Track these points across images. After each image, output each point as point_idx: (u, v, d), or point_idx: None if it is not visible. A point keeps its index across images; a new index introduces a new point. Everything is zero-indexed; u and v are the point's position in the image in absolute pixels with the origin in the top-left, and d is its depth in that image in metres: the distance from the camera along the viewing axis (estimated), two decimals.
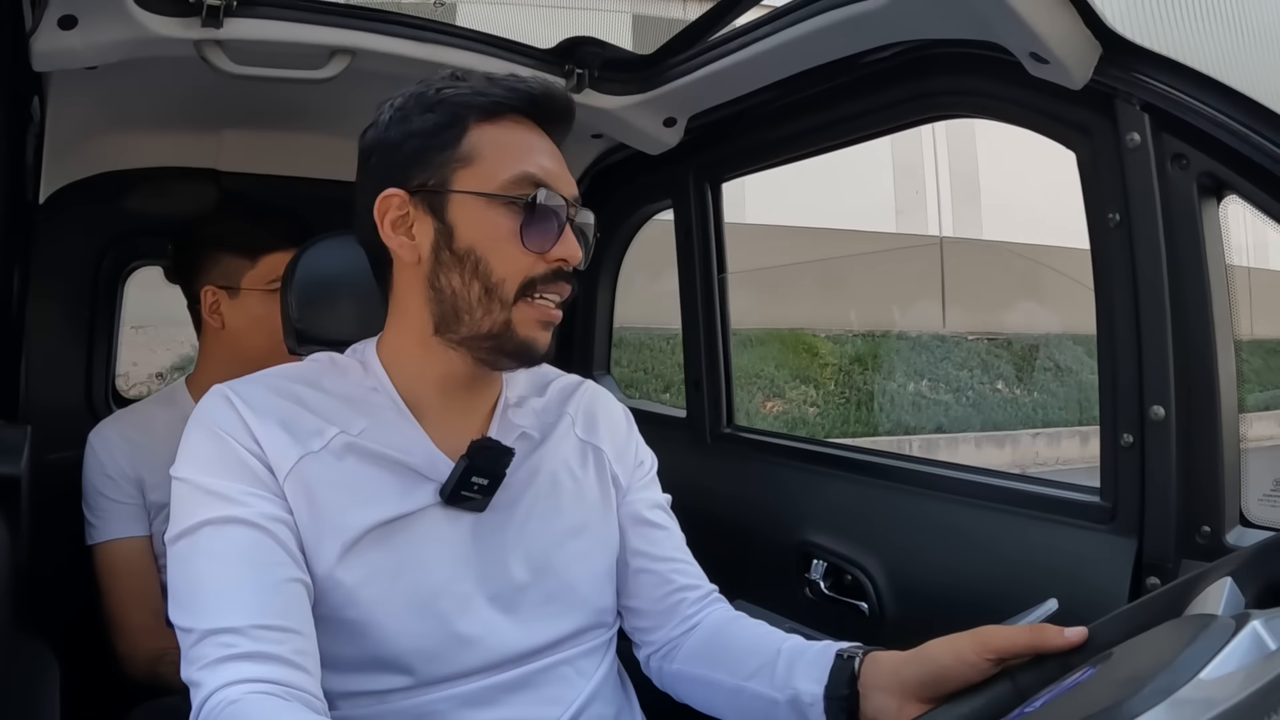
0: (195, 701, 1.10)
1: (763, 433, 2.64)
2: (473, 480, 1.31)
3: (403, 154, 1.31)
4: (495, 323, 1.27)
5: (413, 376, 1.35)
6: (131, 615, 2.17)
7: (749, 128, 2.34)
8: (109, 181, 2.67)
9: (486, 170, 1.27)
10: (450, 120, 1.29)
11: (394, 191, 1.30)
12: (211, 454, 1.26)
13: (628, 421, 1.59)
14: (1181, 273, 1.53)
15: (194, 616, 1.16)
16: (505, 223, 1.25)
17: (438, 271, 1.29)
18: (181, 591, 1.20)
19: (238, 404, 1.28)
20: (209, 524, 1.21)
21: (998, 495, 1.86)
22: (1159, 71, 1.48)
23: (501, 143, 1.29)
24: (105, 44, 1.78)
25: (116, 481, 2.22)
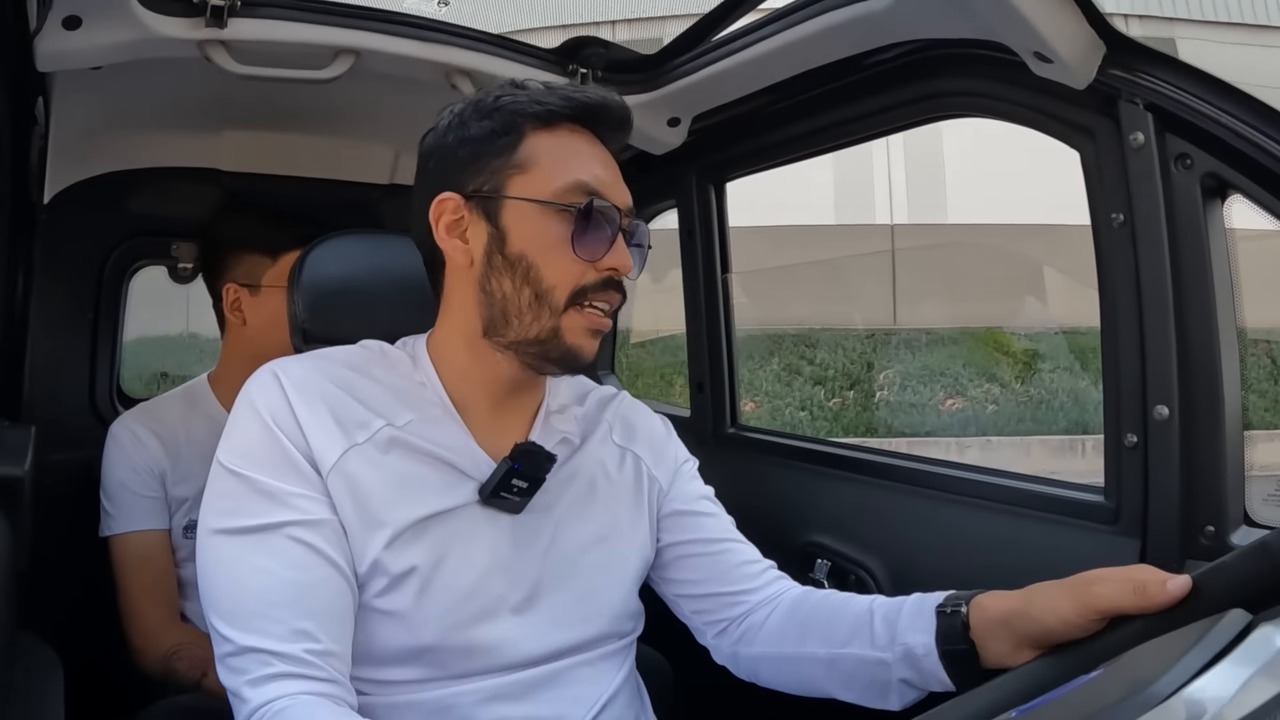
0: (240, 714, 1.15)
1: (766, 432, 2.64)
2: (513, 482, 1.32)
3: (459, 159, 1.33)
4: (544, 329, 1.29)
5: (460, 376, 1.37)
6: (147, 610, 2.17)
7: (753, 128, 2.34)
8: (113, 182, 2.67)
9: (541, 177, 1.29)
10: (506, 127, 1.31)
11: (450, 195, 1.32)
12: (259, 447, 1.26)
13: (666, 429, 1.62)
14: (1185, 273, 1.52)
15: (235, 627, 1.17)
16: (557, 230, 1.27)
17: (489, 275, 1.31)
18: (222, 595, 1.22)
19: (286, 387, 1.29)
20: (256, 532, 1.21)
21: (1002, 495, 1.86)
22: (1163, 71, 1.48)
23: (556, 150, 1.31)
24: (109, 44, 1.78)
25: (140, 474, 2.22)
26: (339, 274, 1.61)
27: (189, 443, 2.28)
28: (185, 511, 2.25)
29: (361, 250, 1.63)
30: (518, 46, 2.19)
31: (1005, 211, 12.56)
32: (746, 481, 2.48)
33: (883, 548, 2.03)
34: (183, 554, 2.26)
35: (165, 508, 2.26)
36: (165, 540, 2.25)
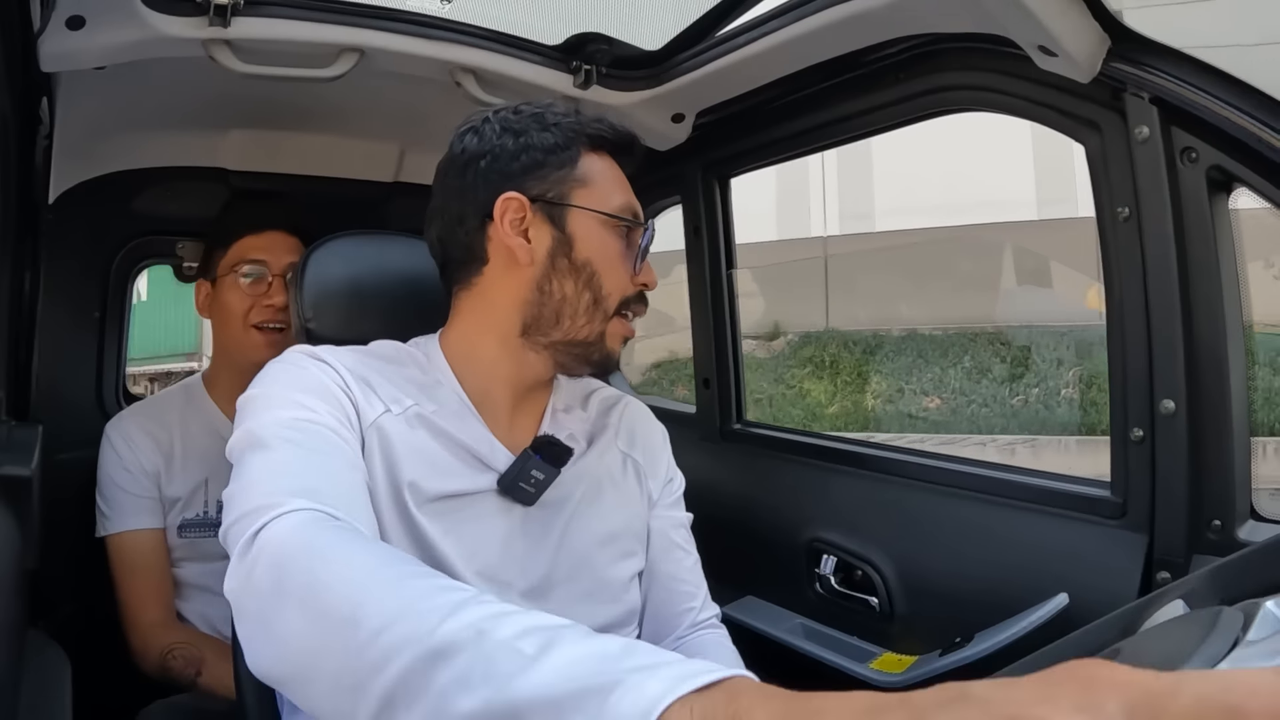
0: (240, 544, 1.03)
1: (772, 428, 2.63)
2: (532, 473, 1.36)
3: (520, 163, 1.38)
4: (593, 332, 1.38)
5: (482, 374, 1.41)
6: (143, 611, 2.17)
7: (757, 123, 2.34)
8: (118, 182, 2.68)
9: (601, 194, 1.38)
10: (567, 143, 1.39)
11: (515, 195, 1.36)
12: (301, 376, 1.27)
13: (663, 440, 1.64)
14: (1191, 266, 1.52)
15: (248, 497, 1.09)
16: (617, 244, 1.38)
17: (550, 276, 1.37)
18: (240, 482, 1.13)
19: (326, 355, 1.31)
20: (284, 423, 1.18)
21: (1007, 490, 1.86)
22: (1168, 64, 1.48)
23: (607, 173, 1.41)
24: (113, 44, 1.79)
25: (133, 474, 2.23)
26: (343, 274, 1.61)
27: (183, 441, 2.29)
28: (179, 510, 2.26)
29: (367, 250, 1.63)
30: (522, 44, 2.19)
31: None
32: (752, 477, 2.48)
33: (889, 543, 2.03)
34: (178, 554, 2.27)
35: (159, 507, 2.26)
36: (160, 540, 2.26)
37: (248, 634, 0.98)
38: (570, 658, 0.72)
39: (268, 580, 0.97)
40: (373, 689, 0.79)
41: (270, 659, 0.95)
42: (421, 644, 0.77)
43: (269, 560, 0.98)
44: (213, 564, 2.25)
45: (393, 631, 0.80)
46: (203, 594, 2.26)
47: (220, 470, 2.23)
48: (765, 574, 2.28)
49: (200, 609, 2.25)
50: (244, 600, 1.00)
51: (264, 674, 0.96)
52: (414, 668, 0.77)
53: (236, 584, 1.01)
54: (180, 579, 2.27)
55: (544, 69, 2.19)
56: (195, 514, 2.26)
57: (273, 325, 2.29)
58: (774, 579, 2.27)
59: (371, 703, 0.79)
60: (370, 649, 0.80)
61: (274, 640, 0.93)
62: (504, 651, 0.74)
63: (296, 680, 0.91)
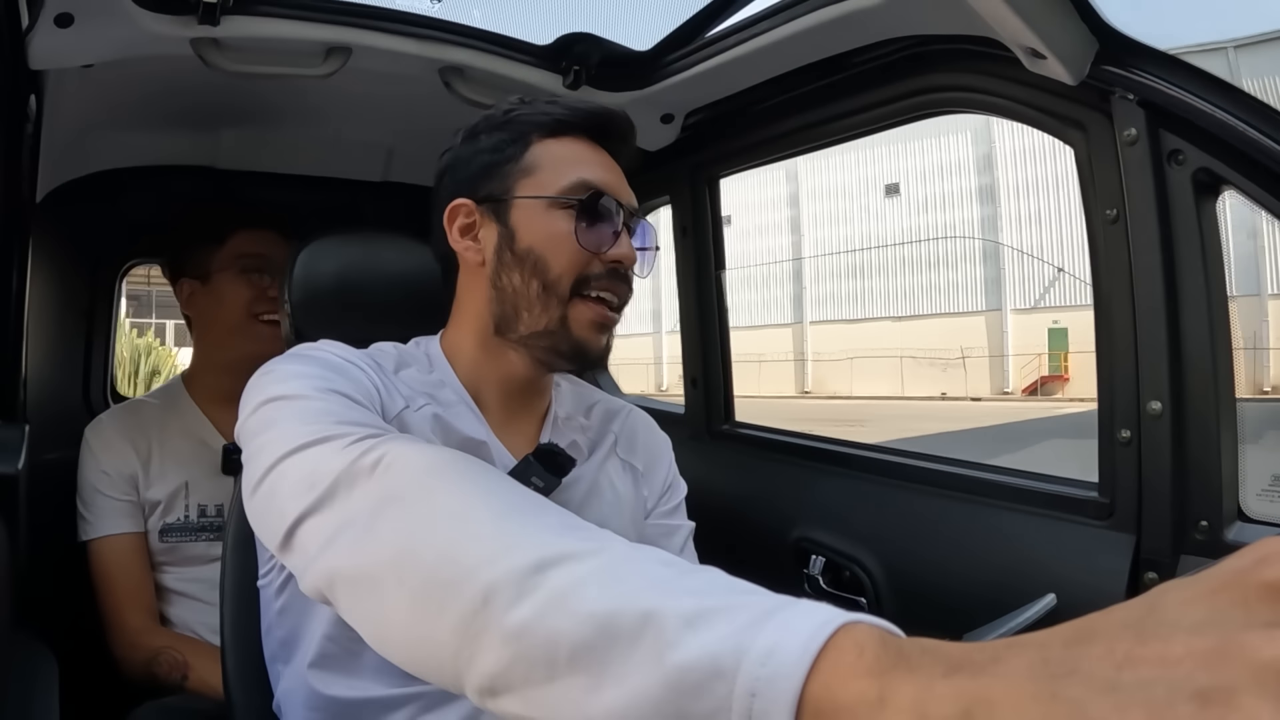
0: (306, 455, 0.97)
1: (761, 429, 2.64)
2: (533, 479, 1.34)
3: (471, 168, 1.38)
4: (552, 319, 1.31)
5: (475, 375, 1.39)
6: (125, 618, 2.16)
7: (746, 124, 2.34)
8: (106, 180, 2.67)
9: (546, 178, 1.34)
10: (516, 136, 1.37)
11: (462, 201, 1.37)
12: (325, 360, 1.21)
13: (665, 448, 1.62)
14: (1179, 268, 1.53)
15: (300, 431, 1.01)
16: (563, 224, 1.31)
17: (500, 271, 1.34)
18: (281, 427, 1.06)
19: (342, 351, 1.28)
20: (319, 388, 1.11)
21: (995, 491, 1.87)
22: (1156, 67, 1.49)
23: (561, 155, 1.36)
24: (102, 42, 1.79)
25: (112, 478, 2.23)
26: (332, 273, 1.61)
27: (163, 444, 2.29)
28: (160, 514, 2.25)
29: (355, 249, 1.63)
30: (510, 43, 2.19)
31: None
32: (740, 477, 2.49)
33: (877, 543, 2.04)
34: (160, 558, 2.26)
35: (139, 511, 2.25)
36: (140, 544, 2.25)
37: (324, 532, 0.89)
38: (721, 581, 0.69)
39: (368, 482, 0.89)
40: (473, 584, 0.71)
41: (349, 555, 0.85)
42: (547, 545, 0.72)
43: (368, 464, 0.90)
44: (194, 568, 2.25)
45: (515, 531, 0.75)
46: (185, 599, 2.25)
47: (201, 473, 2.23)
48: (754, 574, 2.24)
49: (182, 614, 2.24)
50: (333, 493, 0.91)
51: (331, 574, 0.87)
52: (532, 565, 0.70)
53: (311, 495, 0.92)
54: (162, 584, 2.26)
55: (533, 69, 2.20)
56: (176, 518, 2.26)
57: (273, 317, 2.31)
58: (763, 579, 2.25)
59: (466, 599, 0.71)
60: (482, 543, 0.75)
61: (358, 537, 0.85)
62: (645, 565, 0.70)
63: (373, 580, 0.82)
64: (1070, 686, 0.45)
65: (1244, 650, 0.42)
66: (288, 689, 1.36)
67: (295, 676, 1.34)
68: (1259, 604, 0.44)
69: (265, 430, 1.06)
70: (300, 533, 0.93)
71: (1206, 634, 0.44)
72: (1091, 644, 0.47)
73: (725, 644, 0.58)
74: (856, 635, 0.55)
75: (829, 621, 0.56)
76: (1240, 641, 0.42)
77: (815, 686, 0.53)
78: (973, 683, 0.48)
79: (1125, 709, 0.42)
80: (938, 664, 0.51)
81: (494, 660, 0.68)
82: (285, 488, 0.96)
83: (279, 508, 0.95)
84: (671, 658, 0.59)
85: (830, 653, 0.55)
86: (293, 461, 0.97)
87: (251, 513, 1.04)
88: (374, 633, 0.82)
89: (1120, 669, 0.44)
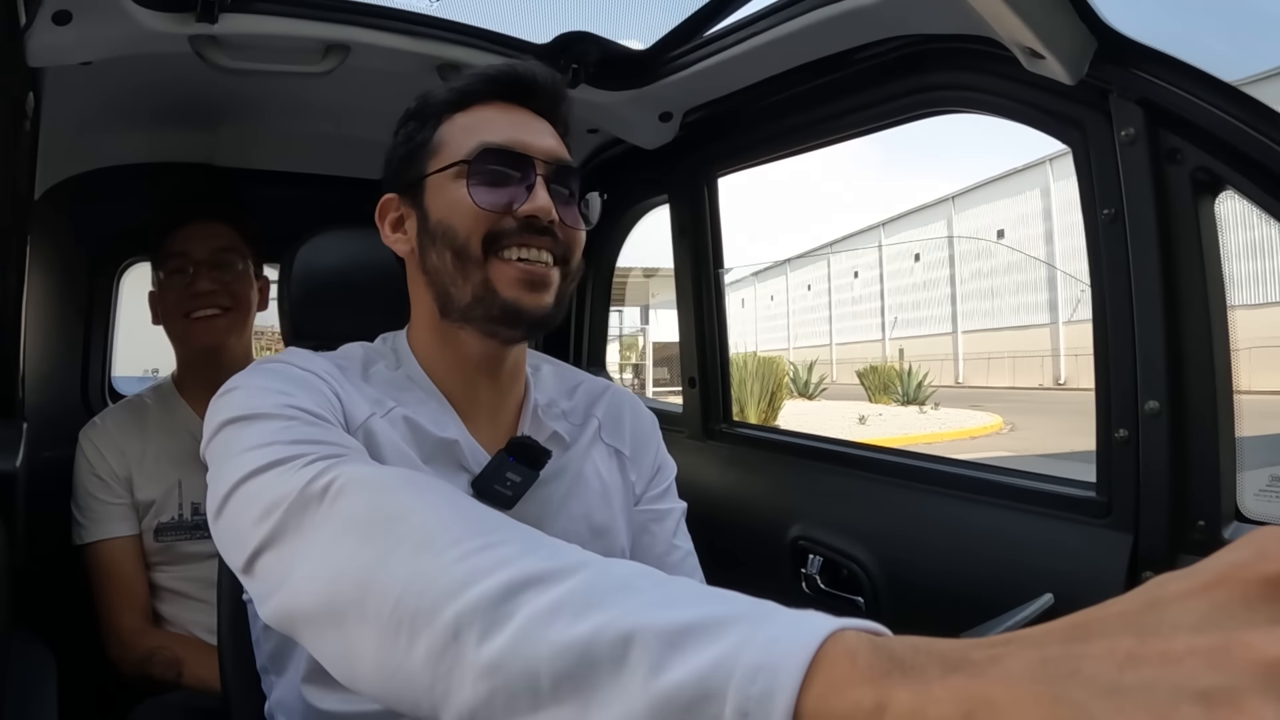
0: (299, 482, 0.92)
1: (758, 428, 2.65)
2: (507, 475, 1.32)
3: (394, 163, 1.38)
4: (474, 285, 1.27)
5: (436, 365, 1.36)
6: (121, 618, 2.18)
7: (745, 122, 2.34)
8: (104, 177, 2.67)
9: (450, 152, 1.31)
10: (425, 120, 1.35)
11: (388, 196, 1.38)
12: (285, 373, 1.19)
13: (651, 427, 1.58)
14: (1177, 267, 1.53)
15: (262, 453, 0.99)
16: (463, 190, 1.27)
17: (424, 254, 1.32)
18: (240, 446, 1.03)
19: (303, 361, 1.25)
20: (280, 403, 1.09)
21: (993, 490, 1.86)
22: (1154, 66, 1.49)
23: (465, 125, 1.33)
24: (100, 39, 1.78)
25: (105, 481, 2.24)
26: (331, 269, 1.62)
27: (155, 443, 2.30)
28: (154, 514, 2.26)
29: (353, 245, 1.63)
30: (508, 41, 2.19)
31: None
32: (738, 476, 2.49)
33: (874, 542, 2.04)
34: (155, 558, 2.27)
35: (133, 512, 2.27)
36: (135, 546, 2.26)
37: (281, 565, 0.87)
38: (702, 595, 0.64)
39: (319, 509, 0.87)
40: (441, 615, 0.68)
41: (308, 591, 0.82)
42: (516, 571, 0.68)
43: (318, 490, 0.88)
44: (189, 566, 2.25)
45: (479, 557, 0.71)
46: (179, 598, 2.26)
47: (193, 471, 2.23)
48: (752, 573, 2.28)
49: (177, 612, 2.25)
50: (285, 524, 0.88)
51: (290, 611, 0.85)
52: (502, 592, 0.67)
53: (270, 522, 0.90)
54: (157, 582, 2.27)
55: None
56: (171, 517, 2.26)
57: (207, 311, 2.31)
58: (761, 578, 2.27)
59: (436, 632, 0.68)
60: (448, 573, 0.71)
61: (315, 571, 0.82)
62: (618, 584, 0.66)
63: (335, 615, 0.79)
64: (1072, 688, 0.44)
65: (1247, 650, 0.41)
66: (280, 699, 1.36)
67: (288, 688, 1.33)
68: (1260, 601, 0.44)
69: (223, 453, 1.04)
70: (259, 564, 0.91)
71: (1208, 632, 0.43)
72: (1091, 642, 0.46)
73: (712, 664, 0.56)
74: (846, 642, 0.54)
75: (817, 631, 0.55)
76: (1243, 641, 0.42)
77: (809, 700, 0.52)
78: (972, 684, 0.48)
79: (1128, 711, 0.42)
80: (933, 664, 0.50)
81: (471, 695, 0.66)
82: (243, 515, 0.94)
83: (239, 535, 0.94)
84: (657, 683, 0.57)
85: (821, 663, 0.53)
86: (248, 488, 0.95)
87: (215, 537, 1.01)
88: (342, 668, 0.79)
89: (1122, 669, 0.43)
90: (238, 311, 2.35)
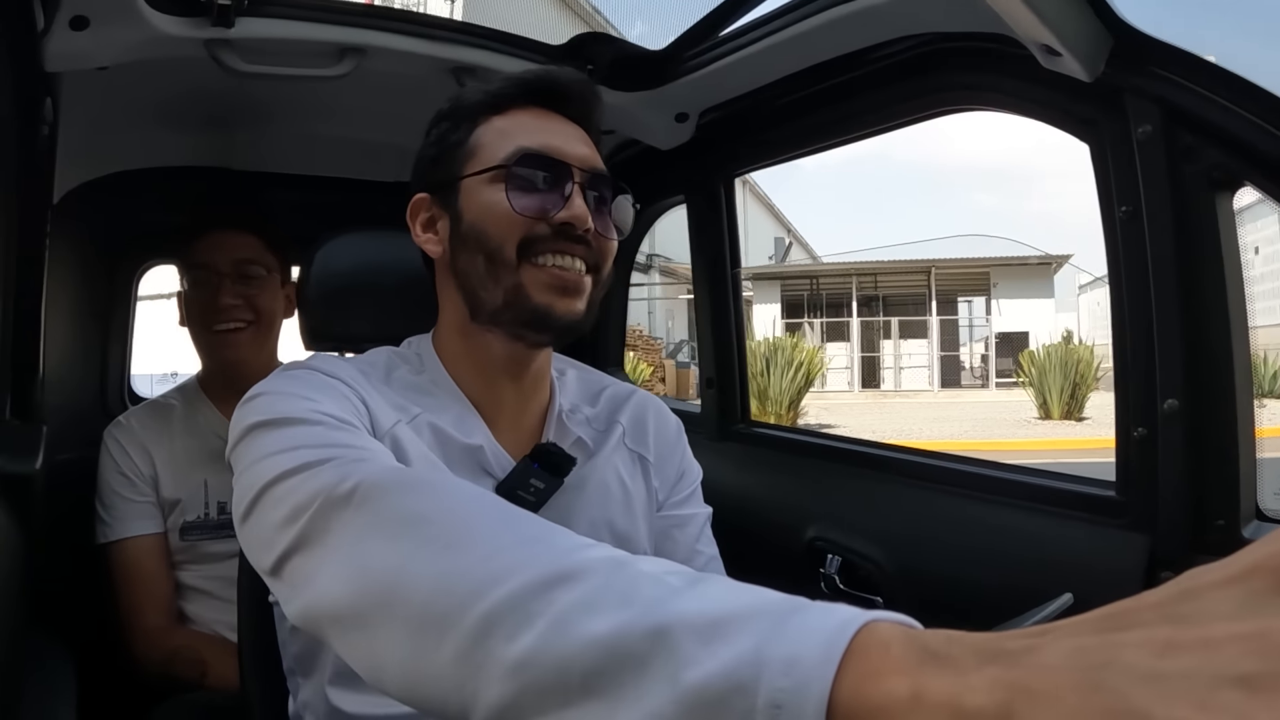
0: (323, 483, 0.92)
1: (776, 428, 2.65)
2: (531, 482, 1.32)
3: (425, 163, 1.38)
4: (506, 290, 1.27)
5: (461, 367, 1.36)
6: (144, 617, 2.18)
7: (761, 122, 2.34)
8: (122, 181, 2.69)
9: (487, 155, 1.30)
10: (459, 122, 1.34)
11: (420, 196, 1.37)
12: (310, 380, 1.19)
13: (677, 432, 1.57)
14: (1194, 265, 1.51)
15: (289, 457, 0.99)
16: (500, 194, 1.27)
17: (456, 256, 1.32)
18: (265, 451, 1.04)
19: (329, 368, 1.25)
20: (305, 409, 1.10)
21: (1010, 490, 1.86)
22: (1171, 64, 1.47)
23: (502, 128, 1.32)
24: (117, 44, 1.79)
25: (131, 480, 2.24)
26: (349, 271, 1.62)
27: (181, 443, 2.32)
28: (180, 513, 2.27)
29: (371, 247, 1.64)
30: (524, 43, 2.19)
31: None
32: (756, 477, 2.49)
33: (892, 542, 2.03)
34: (179, 556, 2.28)
35: (158, 511, 2.28)
36: (160, 544, 2.27)
37: (308, 568, 0.87)
38: (729, 589, 0.63)
39: (346, 512, 0.86)
40: (468, 615, 0.68)
41: (335, 593, 0.82)
42: (542, 569, 0.68)
43: (345, 492, 0.87)
44: (214, 565, 2.26)
45: (506, 555, 0.71)
46: (204, 597, 2.27)
47: (219, 471, 2.23)
48: (769, 573, 2.25)
49: (201, 611, 2.26)
50: (312, 527, 0.89)
51: (317, 612, 0.85)
52: (529, 590, 0.67)
53: (296, 529, 0.90)
54: (182, 581, 2.28)
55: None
56: (196, 516, 2.27)
57: (228, 325, 2.32)
58: (778, 578, 2.25)
59: (464, 631, 0.68)
60: (474, 573, 0.71)
61: (342, 573, 0.82)
62: (648, 580, 0.65)
63: (362, 616, 0.79)
64: (1111, 676, 0.44)
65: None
66: (307, 701, 1.35)
67: (314, 691, 1.33)
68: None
69: (249, 458, 1.05)
70: (286, 567, 0.91)
71: (1245, 619, 0.43)
72: (1127, 631, 0.45)
73: (742, 657, 0.55)
74: (879, 633, 0.53)
75: (850, 622, 0.54)
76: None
77: (843, 691, 0.51)
78: (1009, 673, 0.47)
79: (1169, 697, 0.41)
80: (968, 655, 0.50)
81: (500, 693, 0.65)
82: (269, 519, 0.94)
83: (266, 539, 0.94)
84: (687, 676, 0.57)
85: (854, 654, 0.53)
86: (275, 492, 0.96)
87: (242, 541, 1.01)
88: (369, 670, 0.79)
89: (1161, 657, 0.43)
90: (260, 325, 2.35)
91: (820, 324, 32.25)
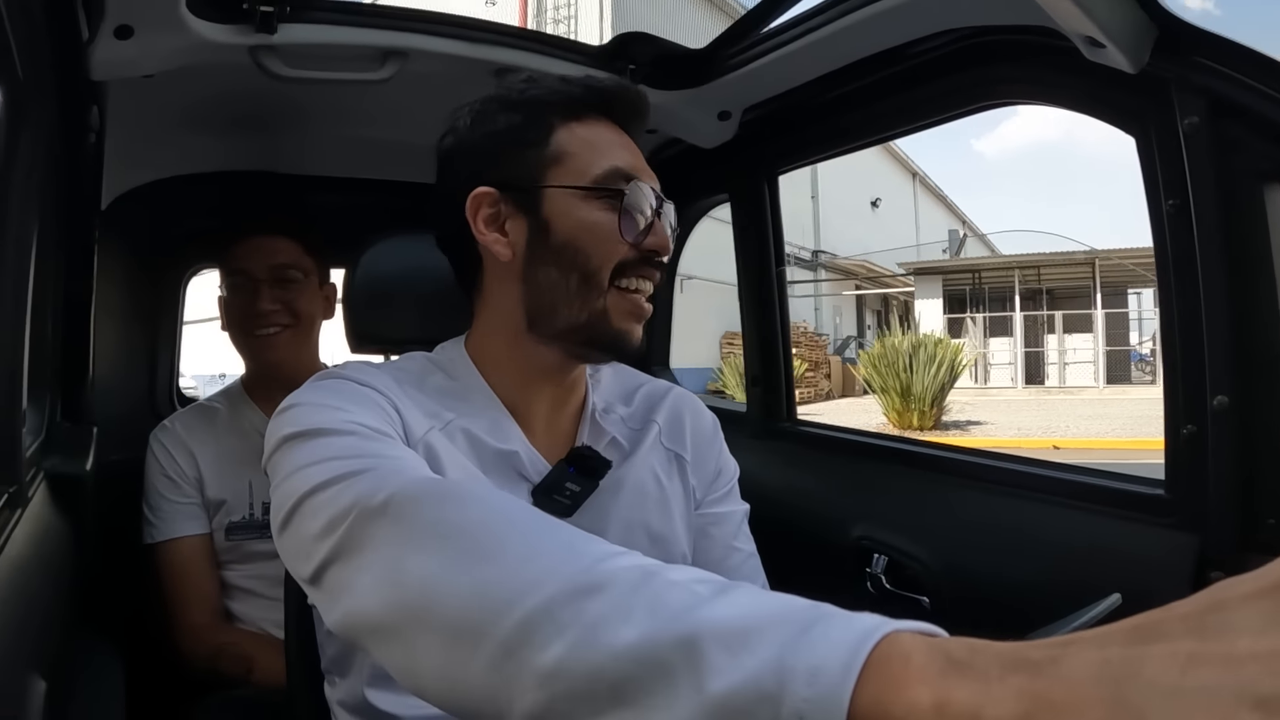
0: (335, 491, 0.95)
1: (821, 426, 2.62)
2: (566, 485, 1.32)
3: (489, 154, 1.32)
4: (592, 311, 1.27)
5: (502, 373, 1.35)
6: (191, 615, 2.22)
7: (805, 119, 2.33)
8: (168, 187, 2.72)
9: (578, 166, 1.28)
10: (534, 119, 1.31)
11: (486, 190, 1.30)
12: (341, 389, 1.20)
13: (713, 429, 1.56)
14: (1244, 258, 1.48)
15: (324, 469, 1.01)
16: (601, 215, 1.26)
17: (533, 265, 1.29)
18: (301, 462, 1.05)
19: (361, 377, 1.25)
20: (339, 420, 1.10)
21: (1057, 488, 1.83)
22: (1217, 54, 1.45)
23: (588, 140, 1.30)
24: (161, 52, 1.80)
25: (176, 482, 2.28)
26: (394, 274, 1.63)
27: (227, 444, 2.35)
28: (225, 513, 2.31)
29: (416, 250, 1.64)
30: (565, 44, 2.19)
31: None
32: (801, 475, 2.48)
33: (939, 541, 2.01)
34: (225, 556, 2.32)
35: (204, 512, 2.31)
36: (206, 544, 2.31)
37: (345, 578, 0.88)
38: (755, 598, 0.64)
39: (382, 522, 0.87)
40: (501, 625, 0.69)
41: (372, 604, 0.83)
42: (572, 579, 0.69)
43: (380, 503, 0.88)
44: (259, 564, 2.29)
45: (536, 565, 0.73)
46: (250, 596, 2.29)
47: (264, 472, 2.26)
48: (815, 572, 2.26)
49: (247, 610, 2.29)
50: (349, 538, 0.89)
51: (355, 622, 0.86)
52: (559, 600, 0.68)
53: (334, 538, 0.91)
54: (228, 580, 2.31)
55: (588, 69, 2.19)
56: (242, 516, 2.30)
57: (267, 330, 2.35)
58: (823, 577, 2.25)
59: (496, 641, 0.69)
60: (506, 583, 0.72)
61: (378, 584, 0.83)
62: (675, 589, 0.66)
63: (398, 626, 0.80)
64: (1133, 689, 0.44)
65: None
66: (344, 700, 1.36)
67: (351, 691, 1.34)
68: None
69: (284, 470, 1.06)
70: (324, 579, 0.92)
71: (1270, 635, 0.43)
72: (1152, 644, 0.45)
73: (766, 666, 0.56)
74: (901, 643, 0.54)
75: (872, 632, 0.55)
76: None
77: (864, 701, 0.52)
78: (1032, 684, 0.47)
79: (1188, 714, 0.42)
80: (991, 664, 0.50)
81: (533, 701, 0.67)
82: (306, 530, 0.95)
83: (304, 550, 0.95)
84: (713, 685, 0.58)
85: (876, 664, 0.53)
86: (311, 504, 0.97)
87: (281, 551, 1.02)
88: (407, 677, 0.80)
89: (1184, 672, 0.43)
90: (299, 328, 2.38)
91: (983, 319, 32.09)
